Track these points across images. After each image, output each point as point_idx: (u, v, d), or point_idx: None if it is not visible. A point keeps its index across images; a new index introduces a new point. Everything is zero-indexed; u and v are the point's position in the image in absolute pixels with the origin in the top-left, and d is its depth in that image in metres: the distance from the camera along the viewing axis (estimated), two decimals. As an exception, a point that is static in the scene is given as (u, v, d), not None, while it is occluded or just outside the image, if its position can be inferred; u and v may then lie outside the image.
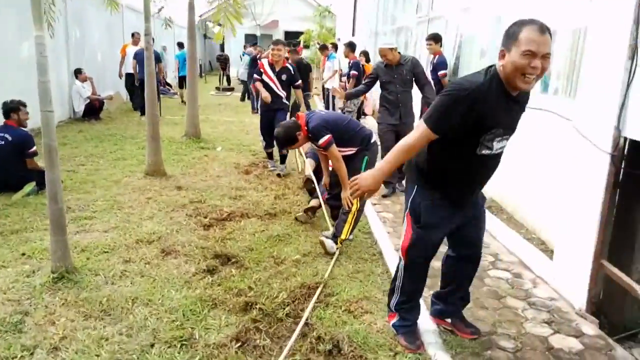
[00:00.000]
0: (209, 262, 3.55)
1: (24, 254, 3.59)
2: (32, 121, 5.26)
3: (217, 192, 5.35)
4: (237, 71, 15.20)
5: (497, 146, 2.25)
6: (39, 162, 5.03)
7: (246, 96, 13.83)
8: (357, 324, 2.88)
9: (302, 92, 6.63)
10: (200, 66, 11.98)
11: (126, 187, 5.40)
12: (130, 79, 11.10)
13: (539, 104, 3.81)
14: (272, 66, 6.04)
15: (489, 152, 2.24)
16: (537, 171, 4.17)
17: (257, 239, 4.06)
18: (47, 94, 3.19)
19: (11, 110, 5.18)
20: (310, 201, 4.72)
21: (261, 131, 6.43)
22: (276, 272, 3.48)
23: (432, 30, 7.90)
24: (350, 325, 2.85)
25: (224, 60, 17.92)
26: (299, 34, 25.07)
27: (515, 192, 4.76)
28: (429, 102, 5.51)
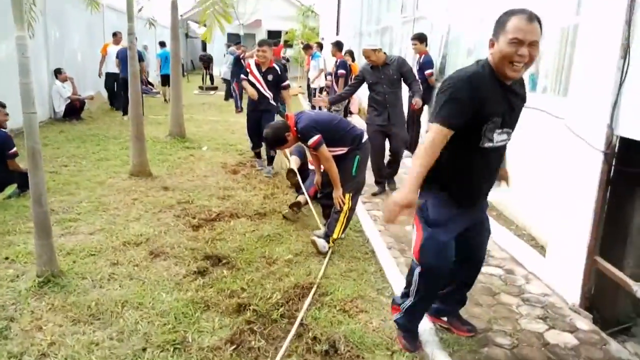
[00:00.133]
0: (200, 264, 3.49)
1: (7, 258, 3.47)
2: (10, 122, 5.11)
3: (204, 192, 5.27)
4: (219, 70, 15.05)
5: (497, 138, 2.24)
6: (20, 164, 4.89)
7: (228, 95, 13.73)
8: (352, 323, 2.85)
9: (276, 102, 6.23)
10: (182, 65, 11.78)
11: (111, 188, 5.28)
12: (110, 78, 10.92)
13: (528, 103, 3.82)
14: (258, 67, 5.96)
15: (490, 144, 2.22)
16: (527, 169, 4.19)
17: (247, 239, 4.00)
18: (30, 95, 3.09)
19: (-10, 111, 5.03)
20: (297, 197, 4.68)
21: (248, 132, 6.33)
22: (268, 273, 3.43)
23: (417, 30, 7.93)
24: (346, 324, 2.83)
25: (207, 59, 17.74)
26: (285, 32, 24.92)
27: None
28: (415, 91, 5.44)
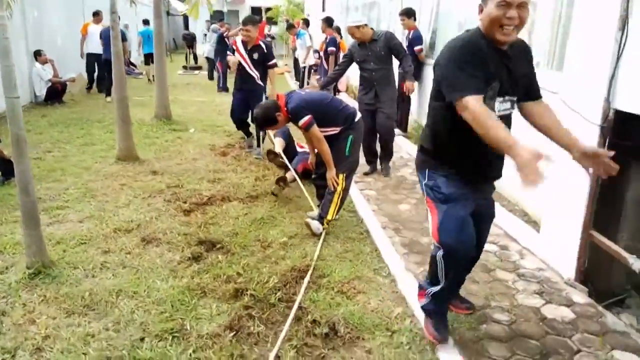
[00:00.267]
0: (194, 249, 3.44)
1: (-6, 250, 3.40)
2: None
3: (194, 175, 5.19)
4: (203, 49, 14.70)
5: (499, 107, 2.16)
6: (4, 151, 4.75)
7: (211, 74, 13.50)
8: (351, 305, 2.84)
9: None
10: (165, 44, 11.52)
11: (98, 173, 5.17)
12: (91, 59, 10.62)
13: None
14: (245, 44, 5.81)
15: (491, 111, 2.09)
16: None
17: (240, 223, 3.95)
18: (12, 78, 2.96)
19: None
20: (285, 173, 4.64)
21: (231, 113, 6.07)
22: (264, 256, 3.40)
23: (406, 4, 7.78)
24: (344, 306, 2.81)
25: (190, 38, 17.35)
26: (266, 10, 24.39)
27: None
28: (406, 71, 5.40)
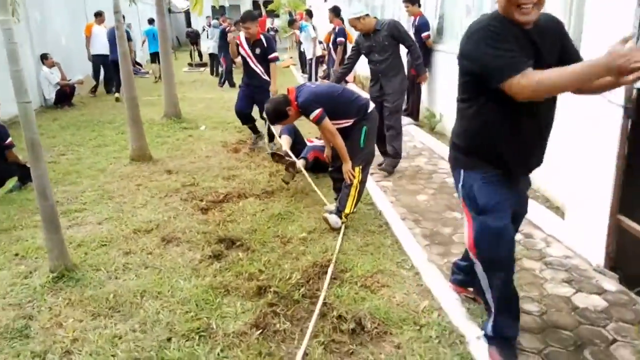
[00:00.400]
0: (214, 247, 3.42)
1: (17, 254, 3.40)
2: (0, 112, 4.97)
3: (208, 173, 5.17)
4: (207, 46, 14.60)
5: None
6: (18, 156, 4.76)
7: (215, 70, 13.42)
8: (376, 299, 2.81)
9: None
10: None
11: (113, 175, 5.18)
12: (97, 60, 10.60)
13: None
14: (247, 40, 5.79)
15: None
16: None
17: (258, 219, 3.93)
18: (22, 83, 2.94)
19: (-21, 102, 4.88)
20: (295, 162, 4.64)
21: (235, 108, 5.99)
22: (284, 253, 3.38)
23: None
24: (369, 301, 2.78)
25: (194, 35, 17.29)
26: (267, 2, 24.22)
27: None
28: (417, 64, 5.26)
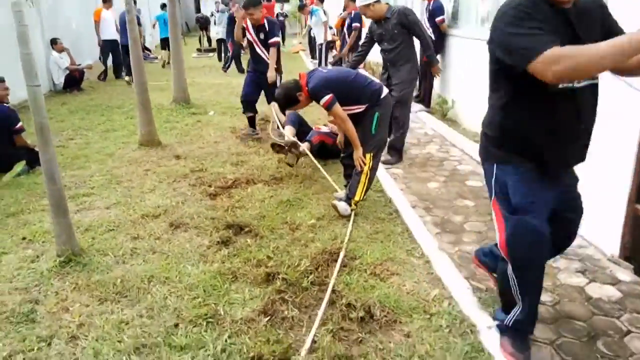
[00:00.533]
0: (222, 233, 3.39)
1: (24, 238, 3.39)
2: (10, 96, 4.95)
3: (217, 159, 5.13)
4: (215, 31, 14.46)
5: (575, 82, 1.84)
6: (27, 140, 4.76)
7: (222, 56, 13.31)
8: (385, 287, 2.76)
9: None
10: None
11: (121, 159, 5.16)
12: (107, 46, 10.56)
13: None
14: (253, 25, 5.72)
15: (568, 84, 1.82)
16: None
17: (267, 206, 3.89)
18: (32, 66, 2.90)
19: (-12, 86, 4.86)
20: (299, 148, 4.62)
21: (242, 94, 5.85)
22: (293, 239, 3.34)
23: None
24: (379, 289, 2.74)
25: (204, 21, 17.16)
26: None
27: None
28: (428, 56, 5.05)
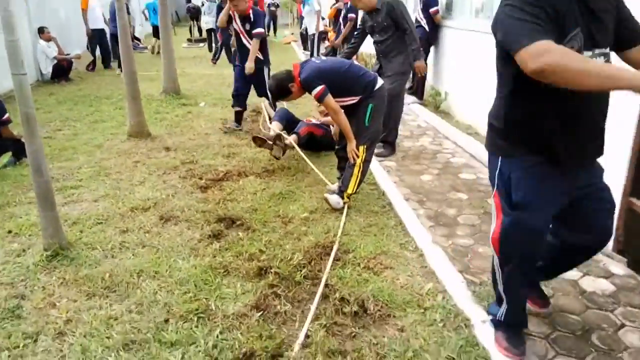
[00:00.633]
0: (213, 227, 3.34)
1: (10, 232, 3.31)
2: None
3: (208, 150, 5.07)
4: (205, 21, 14.25)
5: None
6: (13, 131, 4.65)
7: (212, 46, 13.15)
8: (379, 281, 2.73)
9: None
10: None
11: (110, 151, 5.07)
12: (94, 35, 10.38)
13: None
14: (240, 16, 5.62)
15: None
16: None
17: (259, 199, 3.84)
18: (18, 54, 2.80)
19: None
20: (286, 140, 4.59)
21: (233, 89, 5.84)
22: (286, 233, 3.30)
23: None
24: (372, 283, 2.71)
25: (195, 10, 16.93)
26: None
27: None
28: (413, 52, 4.74)
